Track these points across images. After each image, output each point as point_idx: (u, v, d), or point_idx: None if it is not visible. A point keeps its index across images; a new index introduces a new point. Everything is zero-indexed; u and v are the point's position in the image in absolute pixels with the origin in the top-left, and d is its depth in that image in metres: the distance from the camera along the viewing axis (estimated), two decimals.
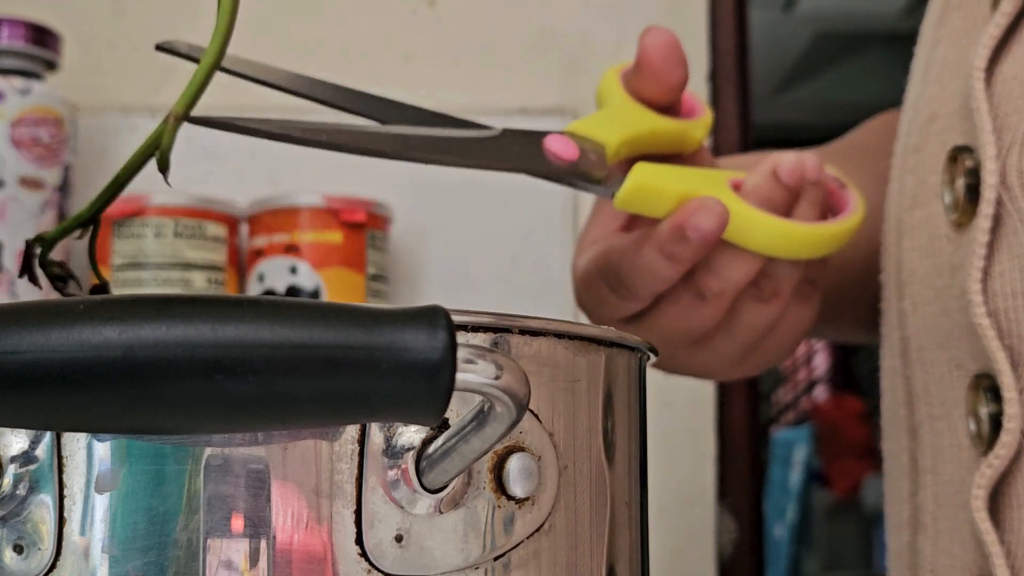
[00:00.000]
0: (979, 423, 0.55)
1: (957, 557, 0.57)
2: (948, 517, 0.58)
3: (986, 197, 0.55)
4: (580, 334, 0.43)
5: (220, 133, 0.50)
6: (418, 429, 0.39)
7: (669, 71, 0.58)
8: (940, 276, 0.58)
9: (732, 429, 1.02)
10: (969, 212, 0.56)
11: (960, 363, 0.57)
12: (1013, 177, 0.54)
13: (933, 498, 0.59)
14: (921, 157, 0.61)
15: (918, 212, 0.60)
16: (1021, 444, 0.54)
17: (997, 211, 0.55)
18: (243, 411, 0.34)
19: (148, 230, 0.88)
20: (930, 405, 0.59)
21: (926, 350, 0.60)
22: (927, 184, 0.60)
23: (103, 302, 0.33)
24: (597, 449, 0.44)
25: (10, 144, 0.84)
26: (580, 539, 0.43)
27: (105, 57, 1.01)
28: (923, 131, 0.61)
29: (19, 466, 0.39)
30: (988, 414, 0.55)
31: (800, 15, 3.76)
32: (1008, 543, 0.54)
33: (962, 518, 0.56)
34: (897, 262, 0.62)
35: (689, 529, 1.00)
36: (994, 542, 0.54)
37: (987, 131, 0.55)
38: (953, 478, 0.57)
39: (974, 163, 0.56)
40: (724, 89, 1.05)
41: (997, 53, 0.56)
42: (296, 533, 0.38)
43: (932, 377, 0.59)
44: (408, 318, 0.34)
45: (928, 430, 0.60)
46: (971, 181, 0.56)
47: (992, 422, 0.55)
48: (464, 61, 1.02)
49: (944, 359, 0.58)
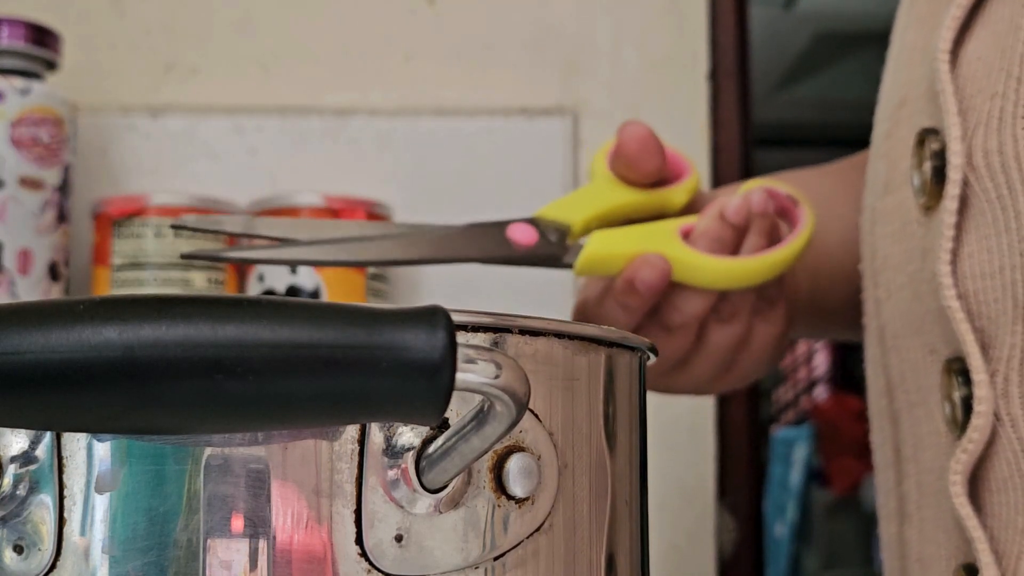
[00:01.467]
0: (953, 408, 0.55)
1: (942, 545, 0.57)
2: (931, 505, 0.58)
3: (952, 178, 0.55)
4: (580, 334, 0.43)
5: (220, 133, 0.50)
6: (418, 429, 0.39)
7: (643, 161, 0.65)
8: (912, 261, 0.59)
9: (732, 428, 1.02)
10: (937, 195, 0.56)
11: (933, 348, 0.57)
12: (979, 158, 0.55)
13: (916, 487, 0.59)
14: (892, 143, 0.61)
15: (890, 198, 0.61)
16: (995, 427, 0.54)
17: (964, 192, 0.55)
18: (243, 411, 0.34)
19: (148, 230, 0.88)
20: (907, 392, 0.60)
21: (901, 337, 0.60)
22: (898, 169, 0.60)
23: (103, 302, 0.33)
24: (597, 448, 0.44)
25: (10, 144, 0.84)
26: (580, 538, 0.43)
27: (105, 57, 1.01)
28: (893, 117, 0.62)
29: (19, 466, 0.39)
30: (960, 398, 0.55)
31: (800, 13, 3.75)
32: (991, 528, 0.54)
33: (944, 505, 0.56)
34: (872, 250, 0.63)
35: (689, 528, 1.00)
36: (976, 527, 0.54)
37: (952, 112, 0.55)
38: (933, 465, 0.58)
39: (940, 145, 0.56)
40: (724, 87, 1.04)
41: (961, 35, 0.57)
42: (296, 533, 0.38)
43: (908, 364, 0.60)
44: (408, 318, 0.34)
45: (907, 418, 0.60)
46: (938, 163, 0.56)
47: (964, 406, 0.55)
48: (464, 61, 1.02)
49: (918, 345, 0.59)
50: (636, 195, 0.67)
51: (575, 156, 1.00)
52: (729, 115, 1.05)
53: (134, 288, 0.87)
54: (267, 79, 1.01)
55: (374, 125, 1.00)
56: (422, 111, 1.01)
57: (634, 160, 0.65)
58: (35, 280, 0.85)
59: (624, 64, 1.02)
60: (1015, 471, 0.53)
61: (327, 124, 1.00)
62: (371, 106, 1.01)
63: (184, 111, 0.98)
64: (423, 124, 1.00)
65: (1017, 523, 0.53)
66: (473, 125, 1.00)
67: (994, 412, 0.54)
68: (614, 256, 0.64)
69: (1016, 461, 0.53)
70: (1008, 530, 0.53)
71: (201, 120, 0.98)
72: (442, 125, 1.00)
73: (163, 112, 0.99)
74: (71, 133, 0.88)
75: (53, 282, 0.86)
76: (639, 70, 1.02)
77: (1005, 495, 0.54)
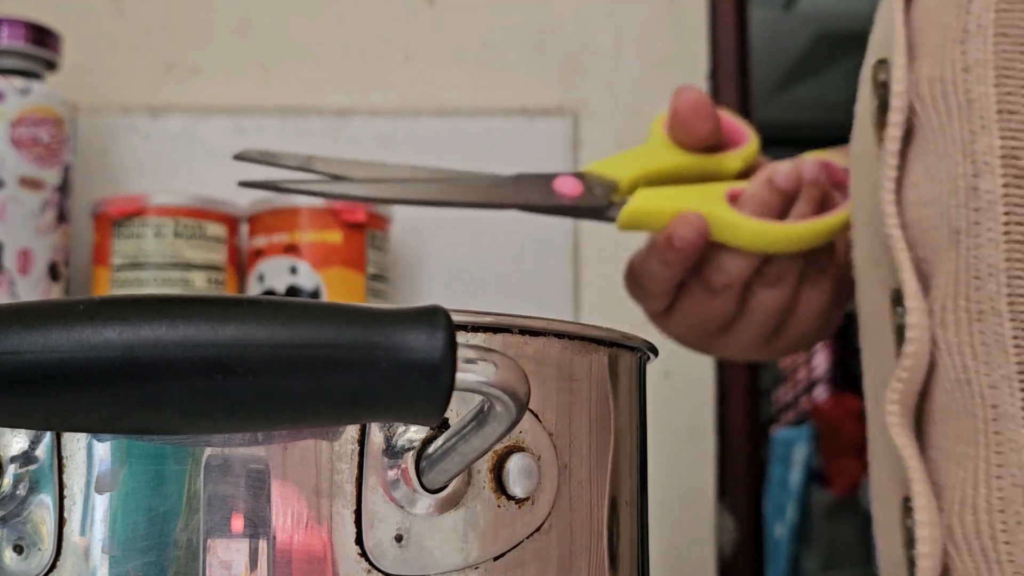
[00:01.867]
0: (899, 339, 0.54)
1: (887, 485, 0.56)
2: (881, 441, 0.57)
3: (893, 105, 0.55)
4: (580, 334, 0.43)
5: (220, 133, 0.50)
6: (418, 429, 0.39)
7: (695, 125, 0.67)
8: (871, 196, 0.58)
9: (732, 429, 1.02)
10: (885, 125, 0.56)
11: (884, 280, 0.57)
12: (924, 87, 0.54)
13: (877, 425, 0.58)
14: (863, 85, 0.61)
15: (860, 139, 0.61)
16: (934, 355, 0.53)
17: (912, 122, 0.55)
18: (243, 411, 0.34)
19: (148, 230, 0.88)
20: (871, 331, 0.59)
21: (863, 273, 0.60)
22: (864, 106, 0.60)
23: (103, 302, 0.33)
24: (597, 449, 0.44)
25: (10, 144, 0.84)
26: (580, 539, 0.43)
27: (105, 57, 1.01)
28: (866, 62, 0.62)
29: (19, 466, 0.39)
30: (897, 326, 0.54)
31: (800, 14, 3.76)
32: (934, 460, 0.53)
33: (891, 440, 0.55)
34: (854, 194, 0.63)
35: (689, 528, 1.00)
36: (912, 456, 0.53)
37: (900, 43, 0.56)
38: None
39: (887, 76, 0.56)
40: (724, 88, 1.05)
41: None
42: (296, 533, 0.38)
43: (870, 300, 0.59)
44: (408, 318, 0.34)
45: (872, 356, 0.59)
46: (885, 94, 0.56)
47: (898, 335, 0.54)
48: (464, 61, 1.02)
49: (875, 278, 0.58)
50: (688, 158, 0.68)
51: (575, 156, 1.00)
52: None
53: (134, 288, 0.87)
54: (267, 79, 1.01)
55: (374, 125, 1.00)
56: (422, 111, 1.00)
57: (686, 123, 0.67)
58: (35, 280, 0.85)
59: (624, 65, 1.02)
60: (954, 399, 0.52)
61: (327, 124, 1.00)
62: (371, 106, 1.01)
63: (184, 111, 0.98)
64: (423, 124, 1.00)
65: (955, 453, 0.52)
66: (473, 125, 1.00)
67: (932, 340, 0.53)
68: (658, 212, 0.65)
69: (954, 390, 0.52)
70: (949, 461, 0.52)
71: (201, 120, 0.98)
72: (442, 125, 1.00)
73: (163, 112, 0.99)
74: (71, 133, 0.88)
75: (53, 282, 0.86)
76: (639, 71, 1.02)
77: (944, 425, 0.53)
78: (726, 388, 1.03)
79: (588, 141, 1.00)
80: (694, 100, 0.67)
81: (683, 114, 0.67)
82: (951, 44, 0.54)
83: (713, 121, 0.67)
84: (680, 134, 0.68)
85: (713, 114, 0.67)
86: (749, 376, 1.04)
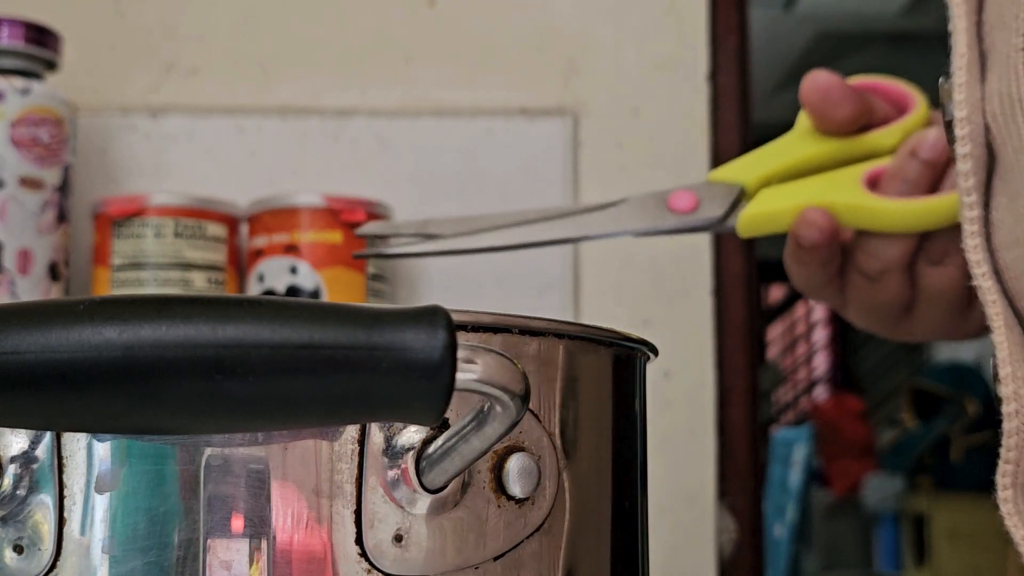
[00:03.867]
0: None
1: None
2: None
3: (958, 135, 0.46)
4: (580, 334, 0.43)
5: (220, 133, 0.50)
6: (418, 429, 0.39)
7: (830, 112, 0.62)
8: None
9: (732, 429, 1.02)
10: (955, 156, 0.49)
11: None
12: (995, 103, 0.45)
13: None
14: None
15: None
16: None
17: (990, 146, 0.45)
18: (243, 411, 0.34)
19: (148, 230, 0.88)
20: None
21: None
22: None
23: (103, 302, 0.33)
24: (597, 449, 0.44)
25: (10, 144, 0.84)
26: (579, 539, 0.43)
27: (105, 57, 1.01)
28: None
29: (19, 466, 0.39)
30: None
31: (800, 14, 3.76)
32: None
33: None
34: None
35: (689, 529, 1.00)
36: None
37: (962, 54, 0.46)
38: None
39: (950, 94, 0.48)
40: (724, 88, 1.04)
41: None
42: (296, 533, 0.38)
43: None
44: (408, 318, 0.34)
45: None
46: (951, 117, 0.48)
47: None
48: (464, 61, 1.02)
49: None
50: (831, 145, 0.64)
51: (575, 156, 1.00)
52: (729, 116, 1.05)
53: (134, 288, 0.87)
54: (267, 79, 1.01)
55: (374, 126, 1.00)
56: (422, 111, 1.00)
57: (818, 111, 0.63)
58: (35, 280, 0.85)
59: (624, 65, 1.02)
60: None
61: (327, 125, 1.00)
62: (371, 107, 1.01)
63: (184, 111, 0.98)
64: (423, 124, 1.00)
65: None
66: (473, 125, 1.00)
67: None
68: (781, 212, 0.61)
69: None
70: None
71: (201, 120, 0.98)
72: (442, 125, 1.00)
73: (163, 112, 0.99)
74: (71, 133, 0.88)
75: (53, 282, 0.86)
76: (639, 71, 1.02)
77: None
78: (726, 389, 1.03)
79: (588, 141, 1.00)
80: (823, 86, 0.62)
81: (813, 103, 0.63)
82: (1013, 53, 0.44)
83: (853, 103, 0.62)
84: (818, 122, 0.63)
85: (850, 96, 0.62)
86: (749, 377, 1.04)
